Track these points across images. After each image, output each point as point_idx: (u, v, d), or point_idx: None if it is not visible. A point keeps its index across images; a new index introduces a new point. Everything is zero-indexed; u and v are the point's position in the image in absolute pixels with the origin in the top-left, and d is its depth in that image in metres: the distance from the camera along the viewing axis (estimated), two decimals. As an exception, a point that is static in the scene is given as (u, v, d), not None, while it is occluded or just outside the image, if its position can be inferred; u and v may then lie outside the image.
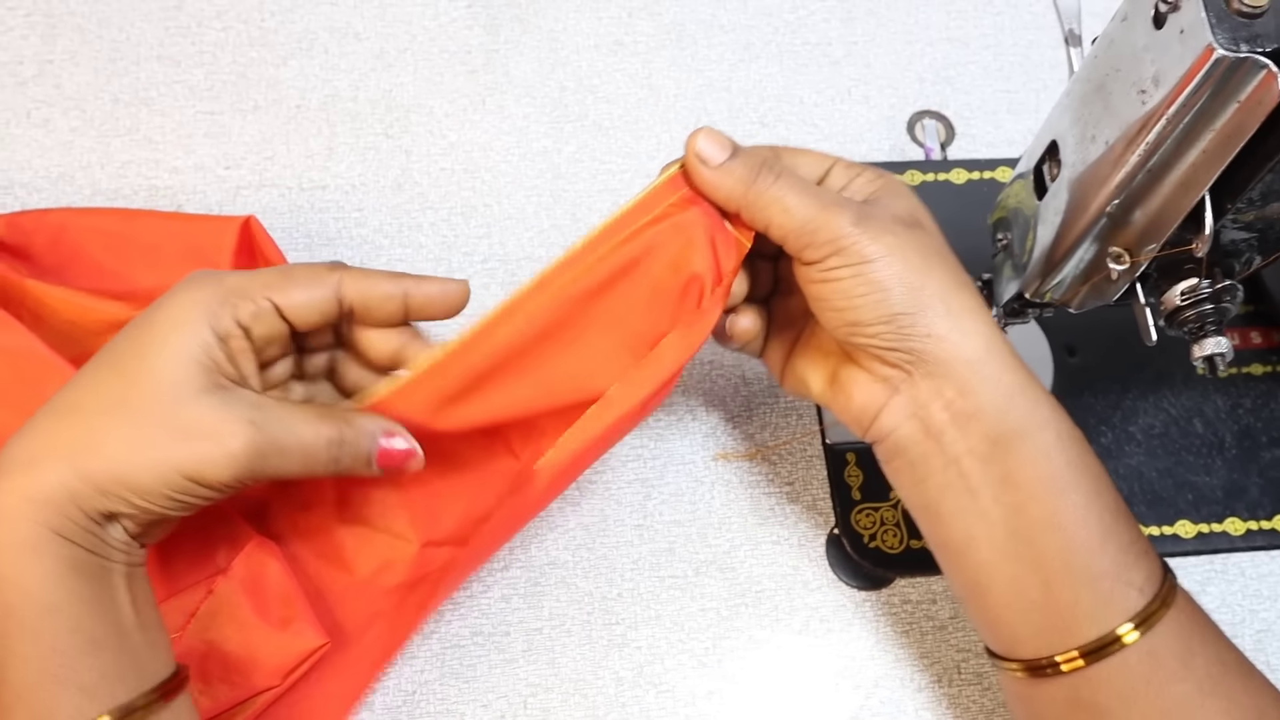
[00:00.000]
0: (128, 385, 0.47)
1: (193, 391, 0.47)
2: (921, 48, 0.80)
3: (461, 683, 0.62)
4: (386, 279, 0.52)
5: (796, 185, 0.53)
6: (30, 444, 0.47)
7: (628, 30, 0.79)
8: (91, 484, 0.46)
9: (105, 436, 0.47)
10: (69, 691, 0.46)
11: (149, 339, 0.48)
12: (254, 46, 0.76)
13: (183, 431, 0.47)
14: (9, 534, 0.46)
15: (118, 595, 0.48)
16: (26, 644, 0.46)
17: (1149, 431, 0.70)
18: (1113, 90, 0.48)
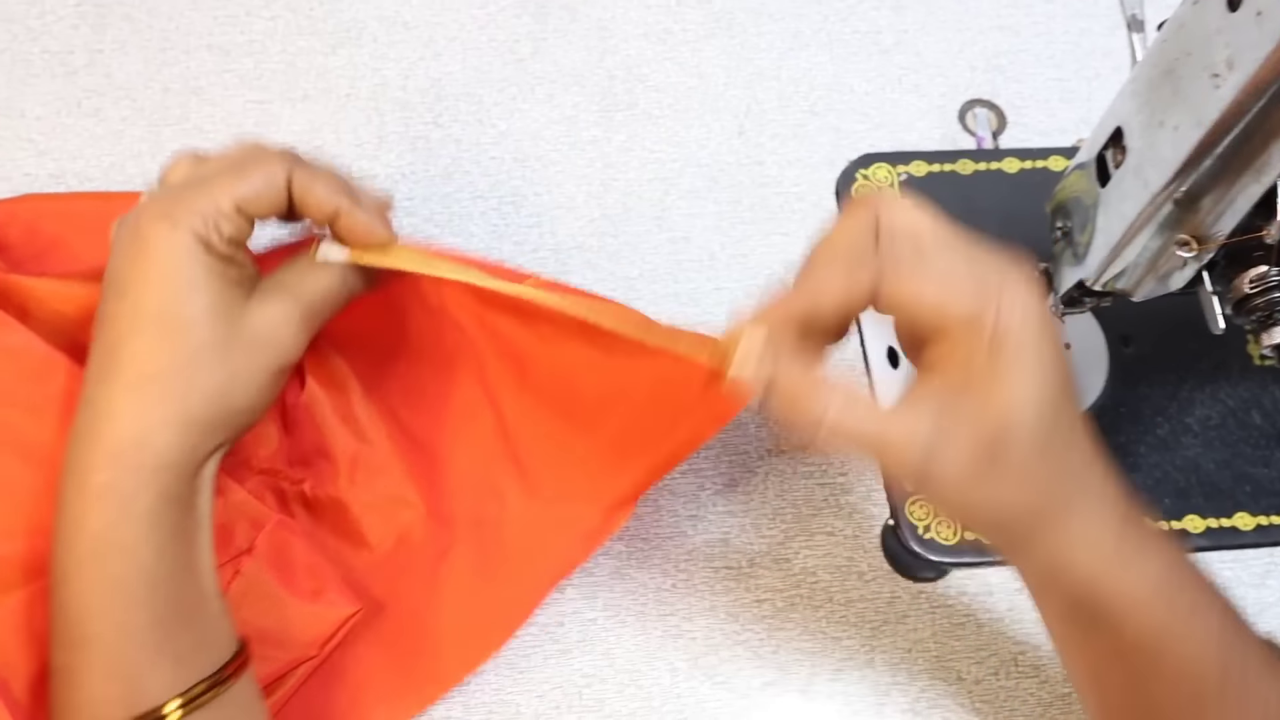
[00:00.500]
0: (186, 337, 0.49)
1: (240, 310, 0.50)
2: (973, 35, 0.80)
3: (516, 673, 0.61)
4: (325, 191, 0.51)
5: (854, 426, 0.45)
6: (127, 423, 0.48)
7: (676, 19, 0.78)
8: (204, 429, 0.49)
9: (200, 385, 0.49)
10: (166, 662, 0.47)
11: (170, 291, 0.49)
12: (303, 35, 0.76)
13: (258, 343, 0.50)
14: (128, 505, 0.48)
15: (205, 561, 0.51)
16: (132, 614, 0.47)
17: (1206, 423, 0.69)
18: (1183, 75, 0.48)
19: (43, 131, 0.71)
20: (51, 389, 0.56)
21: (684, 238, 0.72)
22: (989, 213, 0.73)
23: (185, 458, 0.49)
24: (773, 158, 0.75)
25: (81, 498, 0.48)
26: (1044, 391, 0.44)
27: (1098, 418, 0.68)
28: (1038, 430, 0.44)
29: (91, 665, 0.47)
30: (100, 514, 0.47)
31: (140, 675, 0.47)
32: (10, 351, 0.57)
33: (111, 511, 0.47)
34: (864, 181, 0.73)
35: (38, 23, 0.74)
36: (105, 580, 0.47)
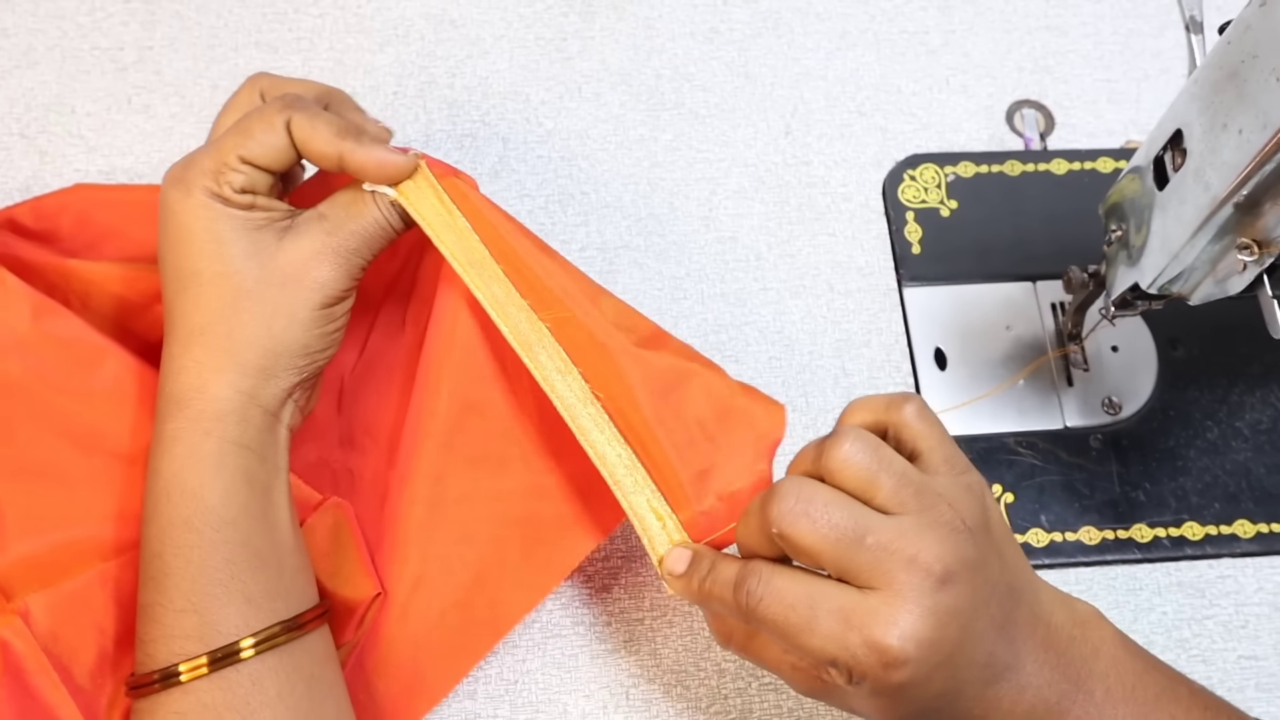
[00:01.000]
0: (222, 285, 0.52)
1: (273, 249, 0.52)
2: (1020, 36, 0.79)
3: (563, 672, 0.61)
4: (325, 136, 0.52)
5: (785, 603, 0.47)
6: (187, 377, 0.51)
7: (723, 18, 0.78)
8: (259, 374, 0.52)
9: (242, 331, 0.51)
10: (237, 602, 0.49)
11: (197, 249, 0.52)
12: (350, 33, 0.76)
13: (292, 279, 0.52)
14: (193, 452, 0.50)
15: (280, 513, 0.53)
16: (203, 553, 0.49)
17: (1256, 427, 0.68)
18: (1248, 77, 0.47)
19: (93, 128, 0.71)
20: (103, 376, 0.57)
21: (731, 237, 0.72)
22: (1037, 214, 0.73)
23: (244, 403, 0.52)
24: (819, 158, 0.75)
25: (158, 445, 0.51)
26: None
27: (1146, 421, 0.68)
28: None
29: (169, 600, 0.49)
30: (170, 459, 0.50)
31: (211, 610, 0.49)
32: (61, 340, 0.57)
33: (179, 457, 0.50)
34: (911, 181, 0.73)
35: (88, 20, 0.74)
36: (176, 520, 0.50)
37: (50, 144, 0.71)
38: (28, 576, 0.54)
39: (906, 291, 0.71)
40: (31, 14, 0.74)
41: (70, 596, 0.54)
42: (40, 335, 0.57)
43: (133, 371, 0.58)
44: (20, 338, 0.57)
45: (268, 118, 0.52)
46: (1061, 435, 0.68)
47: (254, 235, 0.52)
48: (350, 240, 0.53)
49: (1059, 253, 0.71)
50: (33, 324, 0.57)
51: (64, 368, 0.57)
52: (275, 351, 0.52)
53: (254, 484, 0.51)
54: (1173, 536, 0.66)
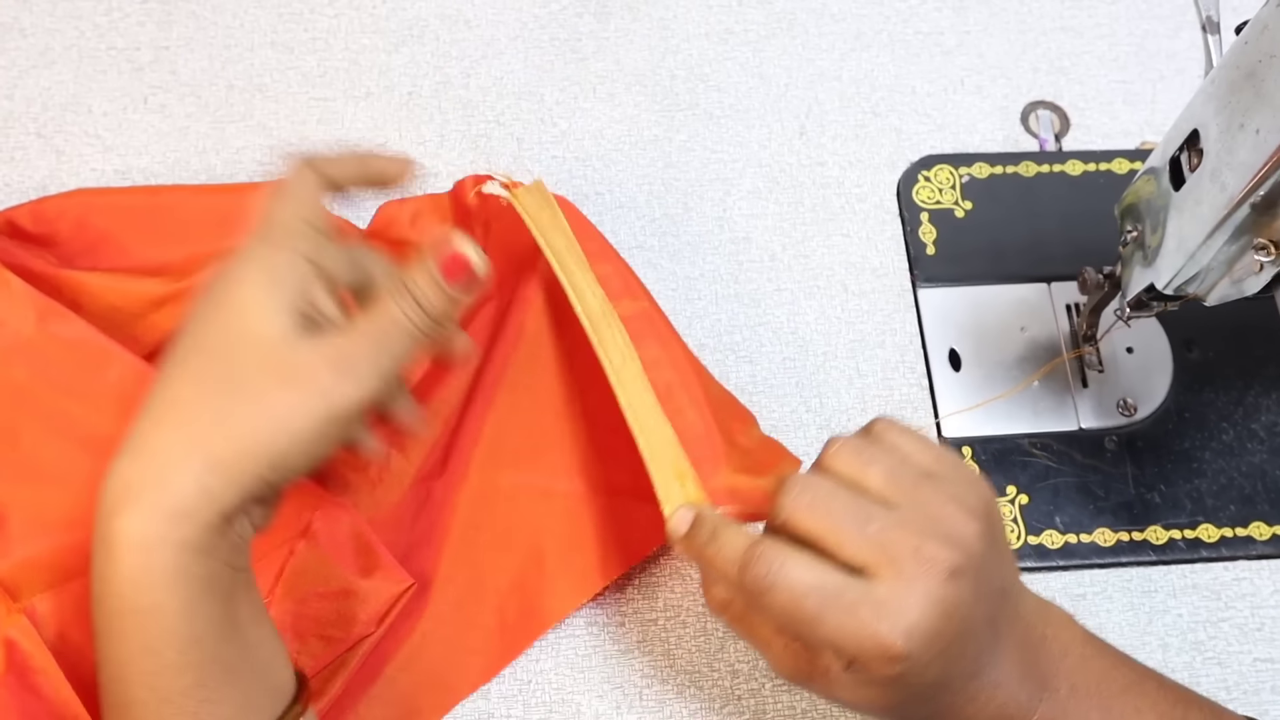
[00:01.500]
0: (222, 362, 0.45)
1: (291, 343, 0.45)
2: (1035, 37, 0.79)
3: (577, 672, 0.61)
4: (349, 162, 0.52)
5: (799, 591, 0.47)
6: (150, 456, 0.44)
7: (738, 19, 0.78)
8: (227, 472, 0.44)
9: (227, 420, 0.44)
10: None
11: (224, 313, 0.46)
12: (366, 34, 0.76)
13: (294, 380, 0.45)
14: (149, 564, 0.43)
15: (242, 612, 0.46)
16: (167, 679, 0.43)
17: (1272, 429, 0.68)
18: (1265, 77, 0.47)
19: (109, 127, 0.72)
20: (109, 378, 0.58)
21: (745, 238, 0.72)
22: (1052, 215, 0.73)
23: (204, 503, 0.43)
24: (834, 158, 0.74)
25: (105, 546, 0.44)
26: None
27: (1161, 423, 0.68)
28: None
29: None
30: (120, 570, 0.43)
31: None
32: (67, 343, 0.58)
33: (132, 568, 0.43)
34: (925, 182, 0.73)
35: (105, 20, 0.74)
36: (135, 645, 0.43)
37: (67, 143, 0.71)
38: (34, 577, 0.54)
39: (921, 292, 0.71)
40: (49, 14, 0.74)
41: (77, 597, 0.54)
42: (46, 338, 0.57)
43: (138, 374, 0.58)
44: (26, 340, 0.57)
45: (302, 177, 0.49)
46: (1076, 437, 0.67)
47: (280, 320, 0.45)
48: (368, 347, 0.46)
49: (1074, 254, 0.70)
50: (38, 326, 0.57)
51: (69, 370, 0.57)
52: (252, 454, 0.44)
53: (214, 592, 0.44)
54: (1188, 538, 0.65)
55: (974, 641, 0.47)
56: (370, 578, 0.58)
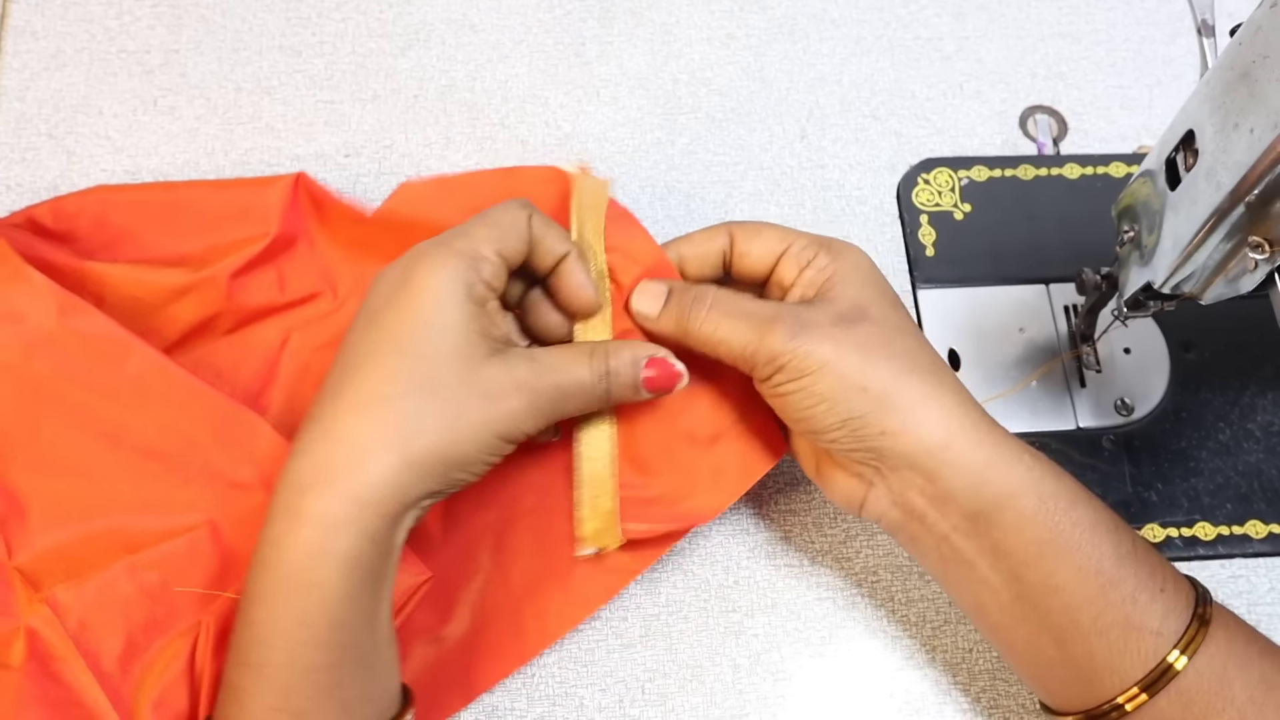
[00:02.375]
0: (424, 367, 0.49)
1: (481, 359, 0.50)
2: (1033, 43, 0.80)
3: (579, 666, 0.62)
4: (558, 236, 0.55)
5: (729, 313, 0.55)
6: (350, 443, 0.48)
7: (740, 24, 0.79)
8: (418, 469, 0.48)
9: (423, 418, 0.48)
10: (334, 707, 0.47)
11: (423, 321, 0.49)
12: (373, 37, 0.77)
13: (490, 396, 0.49)
14: (329, 543, 0.46)
15: (384, 609, 0.50)
16: (311, 653, 0.46)
17: (1268, 429, 0.69)
18: (1259, 77, 0.48)
19: (119, 129, 0.72)
20: (128, 371, 0.58)
21: (747, 239, 0.73)
22: (1050, 218, 0.74)
23: (392, 495, 0.48)
24: (834, 161, 0.75)
25: (288, 519, 0.47)
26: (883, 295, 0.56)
27: (1158, 423, 0.69)
28: (884, 317, 0.55)
29: (262, 692, 0.47)
30: (299, 541, 0.46)
31: (306, 715, 0.47)
32: (87, 337, 0.58)
33: (312, 542, 0.46)
34: (925, 185, 0.74)
35: (115, 23, 0.75)
36: (292, 613, 0.46)
37: (77, 144, 0.72)
38: (55, 568, 0.55)
39: (920, 293, 0.72)
40: (60, 18, 0.75)
41: (99, 587, 0.55)
42: (67, 332, 0.58)
43: (156, 366, 0.59)
44: (47, 334, 0.58)
45: (514, 212, 0.53)
46: (1074, 436, 0.68)
47: (474, 339, 0.50)
48: (551, 391, 0.52)
49: (1072, 256, 0.71)
50: (59, 320, 0.58)
51: (90, 364, 0.58)
52: (442, 454, 0.49)
53: (372, 583, 0.48)
54: (1185, 537, 0.66)
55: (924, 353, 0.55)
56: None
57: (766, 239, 0.58)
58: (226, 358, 0.64)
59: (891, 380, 0.53)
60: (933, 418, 0.53)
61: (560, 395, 0.52)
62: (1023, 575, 0.52)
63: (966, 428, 0.53)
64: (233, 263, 0.63)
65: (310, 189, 0.66)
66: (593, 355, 0.54)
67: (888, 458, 0.53)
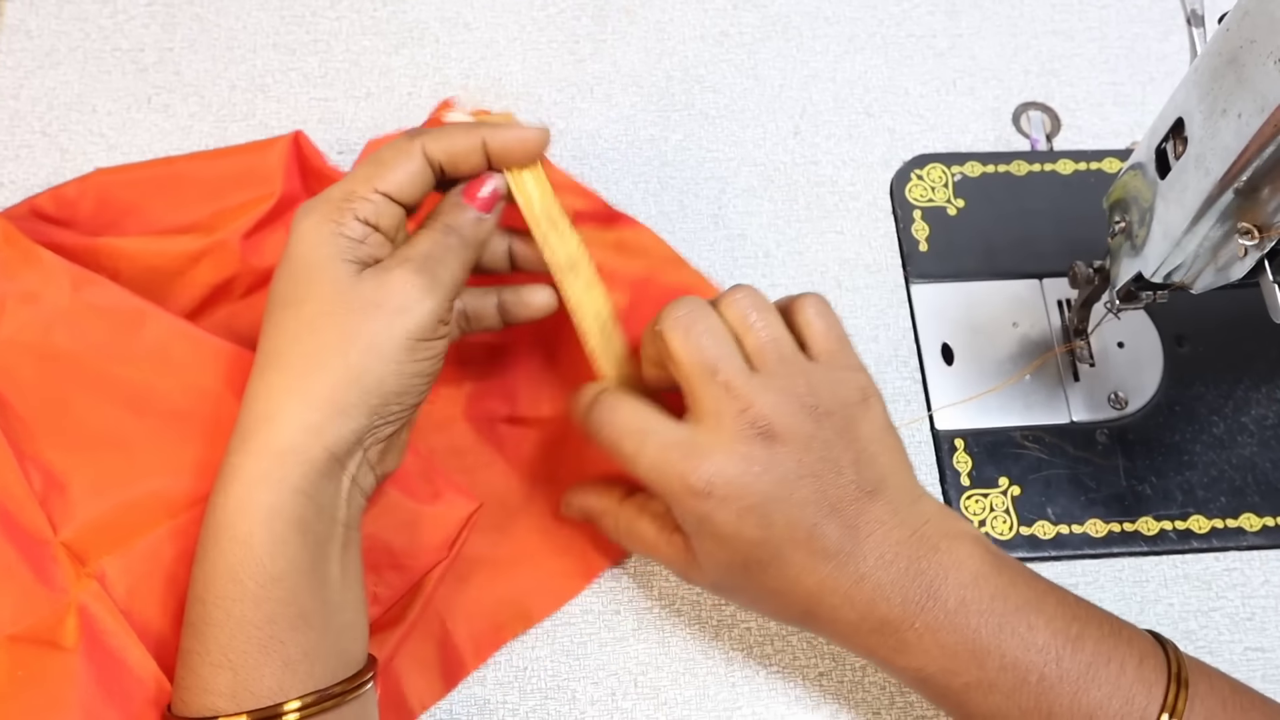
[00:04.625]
0: (302, 309, 0.50)
1: (353, 280, 0.50)
2: (1026, 40, 0.80)
3: (572, 659, 0.62)
4: (463, 133, 0.53)
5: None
6: (255, 404, 0.49)
7: (733, 22, 0.79)
8: (328, 405, 0.48)
9: (316, 356, 0.49)
10: (274, 665, 0.47)
11: (297, 269, 0.50)
12: (366, 35, 0.77)
13: (370, 307, 0.49)
14: (248, 494, 0.48)
15: (331, 569, 0.50)
16: (244, 608, 0.47)
17: (1262, 422, 0.69)
18: (1246, 62, 0.48)
19: (113, 126, 0.73)
20: (146, 337, 0.59)
21: (740, 235, 0.73)
22: (1043, 213, 0.74)
23: (308, 440, 0.48)
24: (828, 157, 0.75)
25: (219, 479, 0.49)
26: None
27: (1152, 416, 0.69)
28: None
29: (205, 650, 0.47)
30: (225, 498, 0.48)
31: (247, 669, 0.47)
32: (102, 309, 0.59)
33: (234, 497, 0.48)
34: (918, 181, 0.74)
35: (110, 22, 0.76)
36: (222, 568, 0.47)
37: (71, 142, 0.72)
38: (99, 540, 0.55)
39: (914, 288, 0.72)
40: (55, 16, 0.75)
41: (143, 555, 0.55)
42: (82, 306, 0.59)
43: (174, 330, 0.60)
44: (64, 311, 0.59)
45: (401, 145, 0.52)
46: (1068, 429, 0.68)
47: (344, 266, 0.50)
48: (424, 263, 0.51)
49: (1065, 251, 0.71)
50: (74, 296, 0.59)
51: (108, 334, 0.59)
52: (348, 383, 0.49)
53: (307, 536, 0.48)
54: (1179, 530, 0.66)
55: (804, 516, 0.51)
56: (435, 504, 0.59)
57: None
58: (245, 320, 0.65)
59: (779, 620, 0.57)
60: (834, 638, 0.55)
61: (432, 258, 0.51)
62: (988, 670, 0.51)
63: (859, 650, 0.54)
64: (243, 224, 0.64)
65: (307, 148, 0.68)
66: (428, 223, 0.53)
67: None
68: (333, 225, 0.50)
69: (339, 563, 0.50)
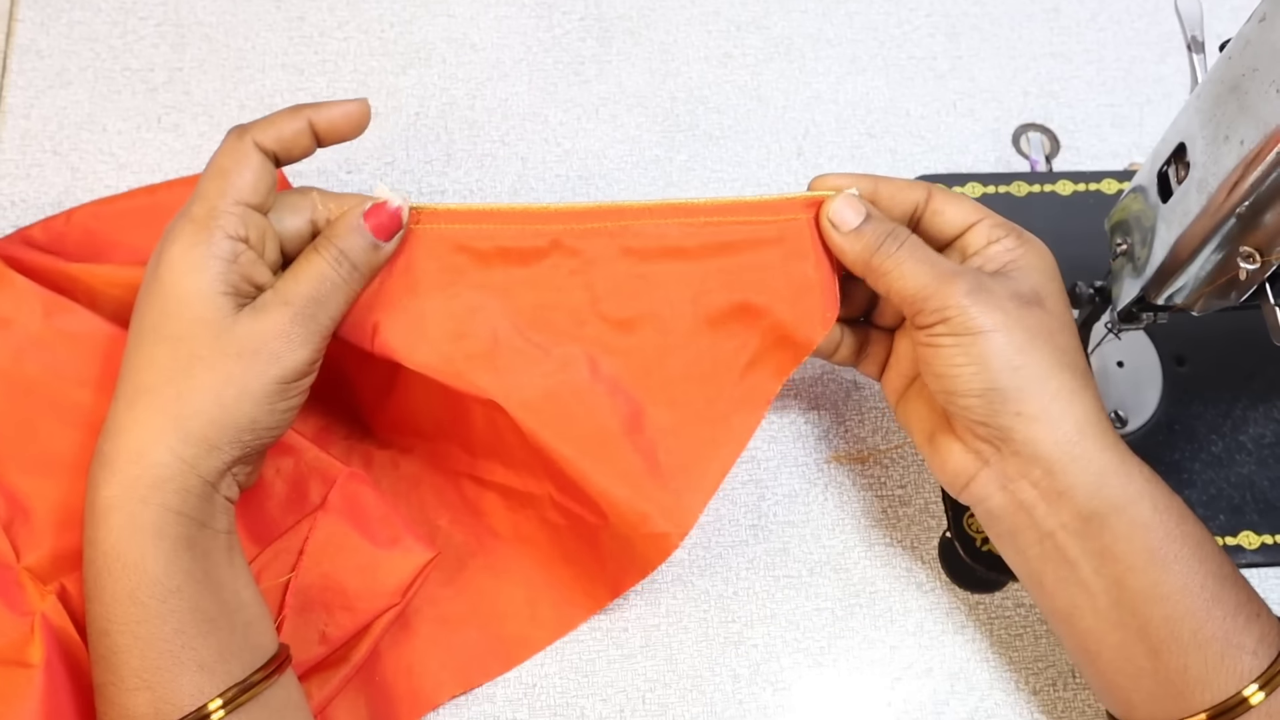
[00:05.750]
0: (177, 347, 0.50)
1: (231, 320, 0.50)
2: (1025, 62, 0.81)
3: (581, 677, 0.63)
4: (286, 118, 0.54)
5: (917, 254, 0.55)
6: (126, 438, 0.50)
7: (737, 43, 0.80)
8: (202, 445, 0.50)
9: (190, 397, 0.49)
10: (189, 670, 0.48)
11: (170, 301, 0.50)
12: (374, 56, 0.78)
13: (246, 354, 0.50)
14: (131, 521, 0.48)
15: (224, 572, 0.51)
16: (150, 627, 0.48)
17: (1260, 441, 0.70)
18: (1249, 90, 0.49)
19: (124, 146, 0.73)
20: (117, 365, 0.58)
21: (744, 255, 0.73)
22: (1043, 233, 0.73)
23: (183, 471, 0.49)
24: (831, 178, 0.76)
25: (93, 513, 0.49)
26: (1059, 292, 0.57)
27: (1151, 435, 0.69)
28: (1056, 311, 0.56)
29: (120, 679, 0.48)
30: (108, 530, 0.49)
31: (164, 684, 0.48)
32: (74, 335, 0.59)
33: (117, 527, 0.49)
34: (921, 202, 0.74)
35: (120, 42, 0.76)
36: (120, 595, 0.48)
37: (82, 161, 0.72)
38: (62, 563, 0.56)
39: (916, 308, 0.72)
40: (66, 36, 0.76)
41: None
42: (53, 332, 0.59)
43: None
44: (35, 336, 0.59)
45: (233, 147, 0.52)
46: (1069, 448, 0.69)
47: (219, 301, 0.50)
48: (309, 308, 0.51)
49: (1065, 271, 0.71)
50: (45, 321, 0.59)
51: (79, 361, 0.59)
52: (222, 423, 0.50)
53: (195, 549, 0.50)
54: (1179, 547, 0.67)
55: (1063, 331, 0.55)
56: (392, 549, 0.60)
57: (963, 205, 0.58)
58: None
59: (1045, 367, 0.53)
60: (1070, 413, 0.53)
61: (316, 304, 0.52)
62: (1127, 582, 0.52)
63: (1097, 432, 0.53)
64: None
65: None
66: (319, 247, 0.53)
67: (1012, 441, 0.53)
68: (203, 248, 0.50)
69: (228, 566, 0.52)
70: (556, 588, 0.64)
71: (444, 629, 0.62)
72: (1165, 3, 0.83)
